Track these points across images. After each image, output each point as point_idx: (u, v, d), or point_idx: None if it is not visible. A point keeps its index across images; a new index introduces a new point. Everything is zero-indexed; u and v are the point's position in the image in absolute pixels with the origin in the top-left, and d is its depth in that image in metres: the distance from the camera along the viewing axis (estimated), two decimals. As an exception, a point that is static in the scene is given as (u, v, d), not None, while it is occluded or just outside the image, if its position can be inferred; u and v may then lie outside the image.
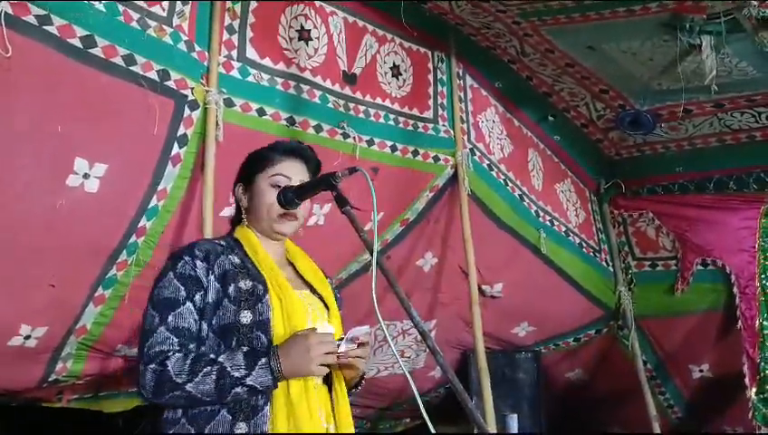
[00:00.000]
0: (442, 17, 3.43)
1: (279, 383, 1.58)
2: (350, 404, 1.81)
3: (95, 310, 2.55)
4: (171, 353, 1.60)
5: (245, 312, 1.65)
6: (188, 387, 1.56)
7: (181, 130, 2.43)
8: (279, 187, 1.80)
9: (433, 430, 1.45)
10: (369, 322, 3.43)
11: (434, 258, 3.72)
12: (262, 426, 1.58)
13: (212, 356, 1.60)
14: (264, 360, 1.57)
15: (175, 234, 2.55)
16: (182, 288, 1.66)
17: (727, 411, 4.42)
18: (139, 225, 2.45)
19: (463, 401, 1.37)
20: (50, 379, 2.73)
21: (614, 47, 3.33)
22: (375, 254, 1.60)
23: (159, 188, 2.44)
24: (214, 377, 1.55)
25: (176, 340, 1.62)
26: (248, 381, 1.55)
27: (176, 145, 2.43)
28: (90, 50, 2.11)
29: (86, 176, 2.22)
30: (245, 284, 1.68)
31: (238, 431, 1.57)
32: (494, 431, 2.80)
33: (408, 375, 1.57)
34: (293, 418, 1.59)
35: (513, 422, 1.11)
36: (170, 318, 1.64)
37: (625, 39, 3.26)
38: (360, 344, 1.66)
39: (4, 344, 2.41)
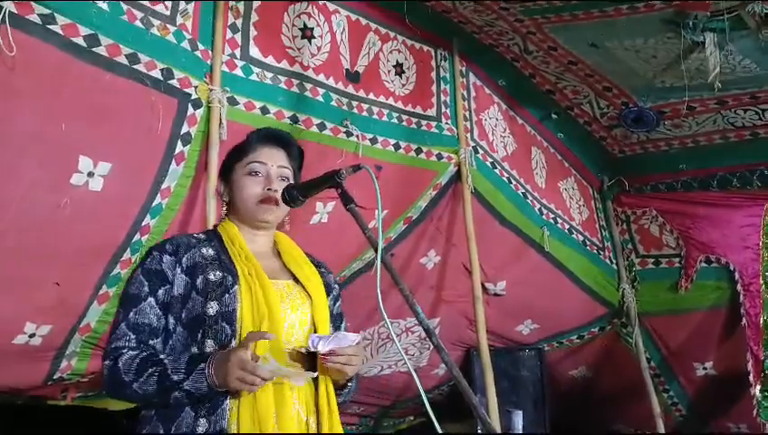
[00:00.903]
0: (445, 15, 3.42)
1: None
2: (343, 402, 1.80)
3: (99, 308, 2.56)
4: (125, 351, 1.61)
5: (212, 303, 1.64)
6: (134, 386, 1.57)
7: (185, 129, 2.43)
8: (256, 174, 1.80)
9: (438, 427, 1.45)
10: (372, 320, 3.46)
11: (437, 256, 3.72)
12: (221, 422, 1.56)
13: (160, 356, 1.61)
14: (201, 365, 1.55)
15: (179, 232, 2.55)
16: (146, 283, 1.67)
17: (732, 409, 4.42)
18: (143, 223, 2.46)
19: (468, 397, 1.37)
20: (54, 377, 2.73)
21: (617, 44, 3.33)
22: (380, 251, 1.60)
23: (163, 186, 2.44)
24: (155, 379, 1.56)
25: (133, 336, 1.64)
26: (185, 385, 1.54)
27: (179, 143, 2.43)
28: (93, 49, 2.11)
29: (90, 174, 2.22)
30: (215, 275, 1.67)
31: (200, 429, 1.56)
32: (499, 428, 2.80)
33: (413, 372, 1.57)
34: (256, 412, 1.57)
35: (518, 419, 1.10)
36: (131, 314, 1.65)
37: (628, 36, 3.25)
38: (345, 355, 1.63)
39: (9, 342, 2.42)
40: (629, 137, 4.21)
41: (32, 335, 2.45)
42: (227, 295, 1.64)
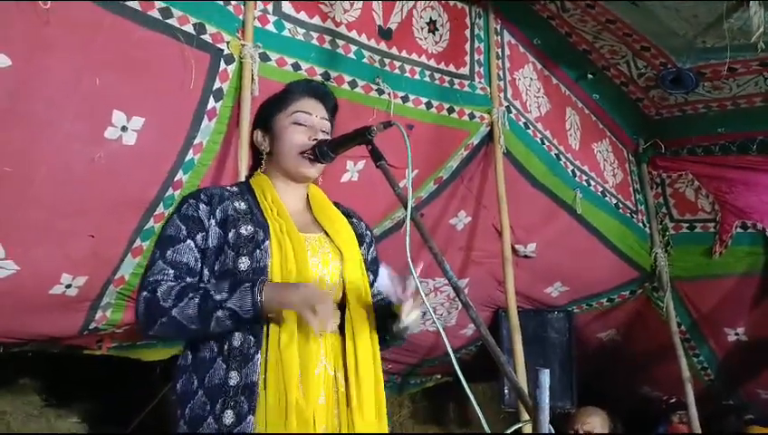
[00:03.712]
0: (480, -29, 3.36)
1: (268, 326, 1.58)
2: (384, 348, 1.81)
3: (133, 261, 2.60)
4: (164, 282, 1.61)
5: (244, 258, 1.64)
6: (174, 312, 1.56)
7: (217, 85, 2.43)
8: (300, 124, 1.79)
9: (466, 386, 1.46)
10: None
11: (467, 217, 3.70)
12: (252, 375, 1.58)
13: (200, 285, 1.62)
14: (247, 285, 1.56)
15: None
16: (183, 227, 1.68)
17: (762, 375, 4.39)
18: (176, 178, 2.48)
19: (495, 355, 1.38)
20: (90, 327, 2.80)
21: (657, 3, 3.23)
22: (409, 208, 1.60)
23: (195, 141, 2.45)
24: (197, 301, 1.55)
25: (171, 271, 1.63)
26: (228, 303, 1.54)
27: (211, 99, 2.43)
28: (127, 2, 2.11)
29: (124, 129, 2.24)
30: (246, 229, 1.67)
31: (231, 381, 1.57)
32: (526, 388, 2.81)
33: (441, 331, 1.57)
34: (281, 364, 1.58)
35: (545, 377, 1.10)
36: (169, 253, 1.65)
37: (669, -6, 3.16)
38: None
39: (46, 293, 2.48)
40: (667, 99, 4.11)
41: (68, 286, 2.51)
42: (258, 251, 1.65)
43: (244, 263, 1.64)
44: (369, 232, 1.94)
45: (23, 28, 1.93)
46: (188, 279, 1.65)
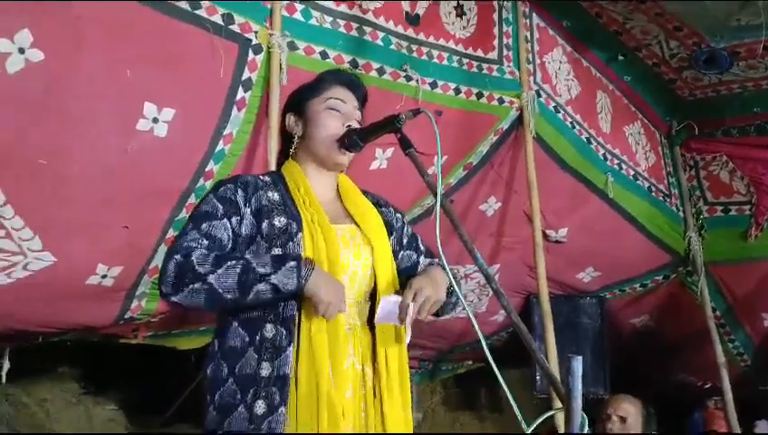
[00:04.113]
0: (508, -46, 3.32)
1: (303, 322, 1.58)
2: (410, 346, 1.81)
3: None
4: (198, 248, 1.59)
5: (276, 250, 1.63)
6: (210, 278, 1.52)
7: (246, 75, 2.44)
8: (335, 110, 1.79)
9: (497, 372, 1.45)
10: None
11: (497, 203, 3.68)
12: (283, 367, 1.57)
13: (238, 255, 1.60)
14: (292, 262, 1.55)
15: (241, 177, 2.59)
16: (220, 206, 1.66)
17: (800, 360, 4.32)
18: (207, 169, 2.50)
19: (527, 342, 1.37)
20: (125, 316, 2.85)
21: (690, -19, 3.18)
22: (439, 196, 1.59)
23: (225, 132, 2.47)
24: (238, 271, 1.53)
25: (205, 242, 1.61)
26: (272, 278, 1.53)
27: (240, 89, 2.44)
28: (155, -6, 2.13)
29: (155, 120, 2.26)
30: (280, 221, 1.66)
31: (263, 372, 1.57)
32: (558, 374, 2.80)
33: (472, 317, 1.56)
34: (312, 358, 1.57)
35: (578, 364, 1.09)
36: (204, 225, 1.63)
37: (702, -29, 3.10)
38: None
39: (83, 283, 2.52)
40: (701, 79, 4.03)
41: (104, 276, 2.55)
42: (291, 243, 1.64)
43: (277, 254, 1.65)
44: (399, 215, 1.93)
45: (55, 23, 1.96)
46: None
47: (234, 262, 1.55)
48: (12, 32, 1.88)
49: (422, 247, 1.93)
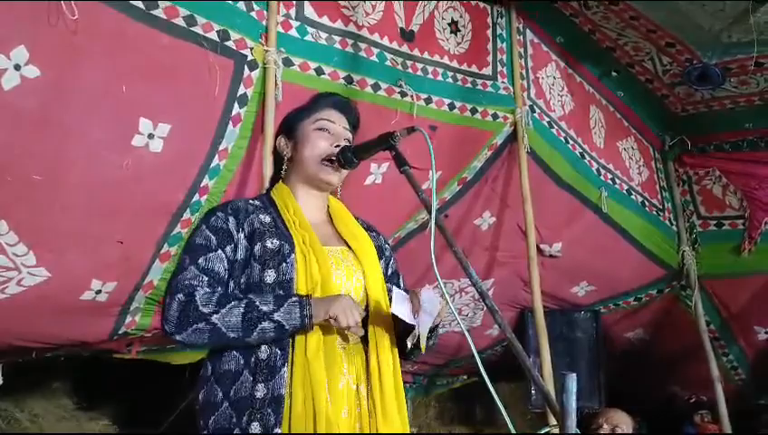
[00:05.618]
0: (501, -29, 3.35)
1: (298, 339, 1.59)
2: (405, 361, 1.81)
3: (161, 266, 2.63)
4: (200, 287, 1.60)
5: (270, 271, 1.65)
6: (214, 318, 1.55)
7: (241, 90, 2.45)
8: (324, 130, 1.81)
9: (491, 388, 1.46)
10: (426, 280, 3.48)
11: (492, 217, 3.69)
12: (279, 388, 1.57)
13: (240, 294, 1.62)
14: (294, 298, 1.58)
15: (236, 193, 2.59)
16: (213, 238, 1.68)
17: (794, 375, 4.33)
18: (202, 184, 2.50)
19: (521, 359, 1.38)
20: (120, 332, 2.84)
21: (682, -2, 3.20)
22: (433, 213, 1.60)
23: (221, 147, 2.48)
24: (241, 310, 1.55)
25: (205, 278, 1.63)
26: (276, 316, 1.55)
27: (236, 105, 2.45)
28: (152, 11, 2.14)
29: (150, 136, 2.27)
30: (272, 243, 1.68)
31: (258, 393, 1.57)
32: (552, 390, 2.80)
33: (466, 333, 1.56)
34: (309, 377, 1.57)
35: (572, 382, 1.09)
36: (201, 260, 1.65)
37: (695, -12, 3.13)
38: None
39: (77, 298, 2.52)
40: (693, 95, 4.06)
41: (98, 292, 2.54)
42: (285, 264, 1.66)
43: (270, 276, 1.65)
44: (387, 245, 1.96)
45: (51, 39, 1.96)
46: (219, 289, 1.65)
47: (236, 302, 1.57)
48: (8, 48, 1.88)
49: (401, 286, 1.93)
